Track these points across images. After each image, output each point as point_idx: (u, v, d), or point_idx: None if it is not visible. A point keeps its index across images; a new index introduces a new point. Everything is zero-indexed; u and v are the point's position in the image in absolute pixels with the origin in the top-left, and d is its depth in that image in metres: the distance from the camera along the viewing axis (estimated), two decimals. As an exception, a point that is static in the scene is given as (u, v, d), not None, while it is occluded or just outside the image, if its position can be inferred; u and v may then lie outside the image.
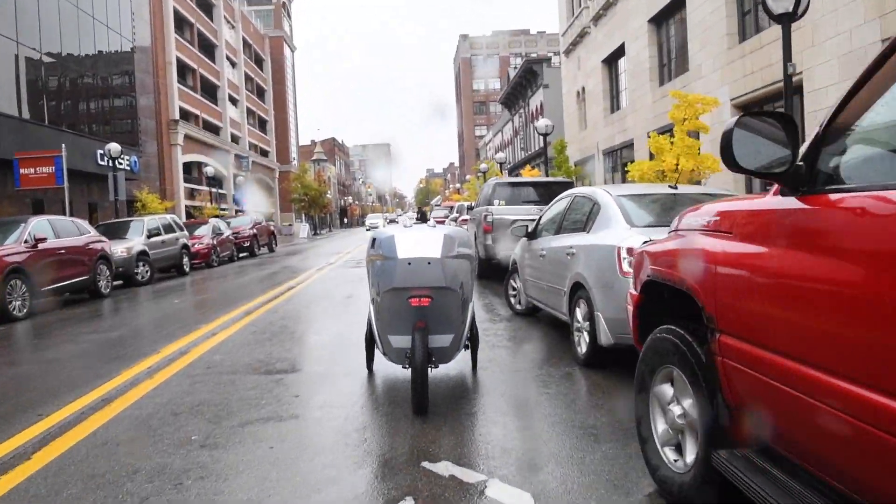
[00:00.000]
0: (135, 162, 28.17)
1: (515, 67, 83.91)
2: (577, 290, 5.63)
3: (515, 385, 5.19)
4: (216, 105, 47.91)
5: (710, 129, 11.93)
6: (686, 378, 2.72)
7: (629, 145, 24.85)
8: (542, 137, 24.18)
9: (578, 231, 6.01)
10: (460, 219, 19.58)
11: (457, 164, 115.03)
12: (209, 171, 32.30)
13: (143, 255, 16.32)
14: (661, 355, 2.95)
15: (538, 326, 7.70)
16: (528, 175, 29.53)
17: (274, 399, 4.93)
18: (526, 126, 45.13)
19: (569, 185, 12.61)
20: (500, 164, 32.62)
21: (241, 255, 26.78)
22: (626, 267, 4.77)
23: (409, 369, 4.26)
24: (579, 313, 5.58)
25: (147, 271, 16.32)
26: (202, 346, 7.20)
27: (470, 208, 15.45)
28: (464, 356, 5.17)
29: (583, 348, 5.49)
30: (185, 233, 19.64)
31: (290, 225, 61.17)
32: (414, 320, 4.30)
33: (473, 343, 5.25)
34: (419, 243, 4.44)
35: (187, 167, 41.32)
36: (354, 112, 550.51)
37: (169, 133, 37.95)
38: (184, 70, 42.57)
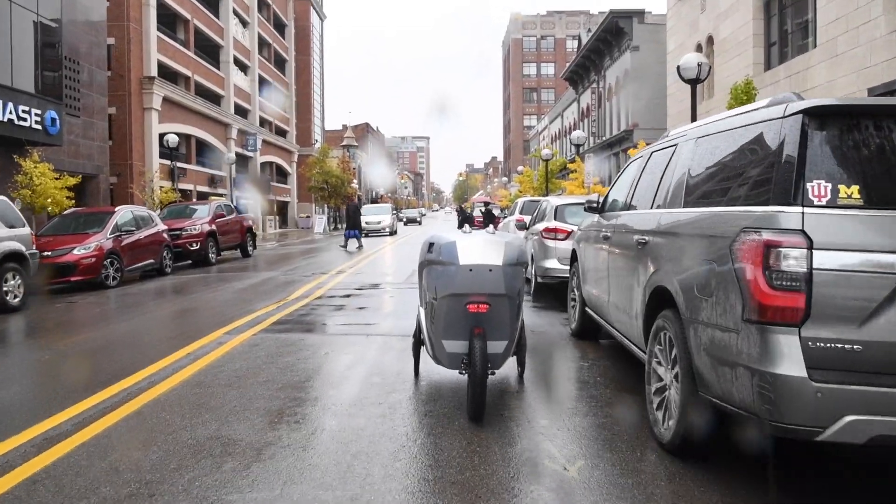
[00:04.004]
0: (51, 120, 19.40)
1: (573, 50, 73.61)
2: None
3: None
4: (217, 69, 39.20)
5: None
6: None
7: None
8: (624, 117, 14.47)
9: None
10: (543, 229, 10.18)
11: (500, 158, 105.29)
12: (172, 140, 23.43)
13: None
14: None
15: None
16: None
17: None
18: (600, 105, 35.32)
19: None
20: (578, 146, 23.03)
21: (194, 261, 17.80)
22: None
23: (465, 375, 4.32)
24: None
25: None
26: None
27: (595, 208, 5.83)
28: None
29: None
30: (24, 231, 10.55)
31: (307, 217, 52.41)
32: (470, 326, 4.30)
33: (520, 349, 5.09)
34: (481, 250, 4.39)
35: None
36: (392, 101, 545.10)
37: (141, 93, 29.27)
38: (172, 18, 33.90)
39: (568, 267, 9.87)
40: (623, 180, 6.11)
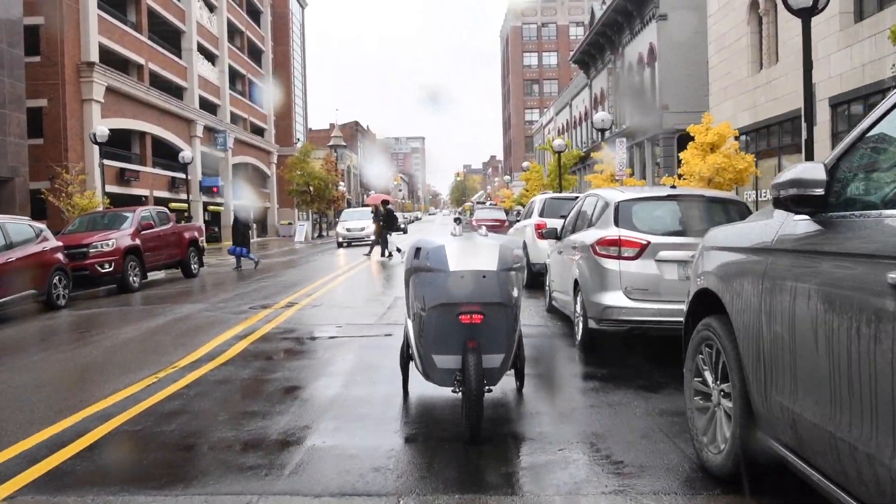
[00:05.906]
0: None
1: (577, 38, 69.09)
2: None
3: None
4: (179, 57, 34.72)
5: None
6: None
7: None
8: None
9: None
10: (596, 241, 5.84)
11: (500, 156, 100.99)
12: (101, 133, 19.00)
13: None
14: None
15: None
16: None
17: None
18: (617, 89, 30.96)
19: None
20: (602, 130, 18.49)
21: (119, 285, 13.42)
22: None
23: (459, 393, 3.87)
24: None
25: None
26: None
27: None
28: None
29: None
30: None
31: (288, 224, 47.96)
32: (463, 339, 3.84)
33: (519, 361, 4.51)
34: (473, 255, 3.95)
35: (124, 137, 28.28)
36: (384, 100, 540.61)
37: (78, 82, 24.82)
38: (119, -4, 29.49)
39: (643, 305, 5.66)
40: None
